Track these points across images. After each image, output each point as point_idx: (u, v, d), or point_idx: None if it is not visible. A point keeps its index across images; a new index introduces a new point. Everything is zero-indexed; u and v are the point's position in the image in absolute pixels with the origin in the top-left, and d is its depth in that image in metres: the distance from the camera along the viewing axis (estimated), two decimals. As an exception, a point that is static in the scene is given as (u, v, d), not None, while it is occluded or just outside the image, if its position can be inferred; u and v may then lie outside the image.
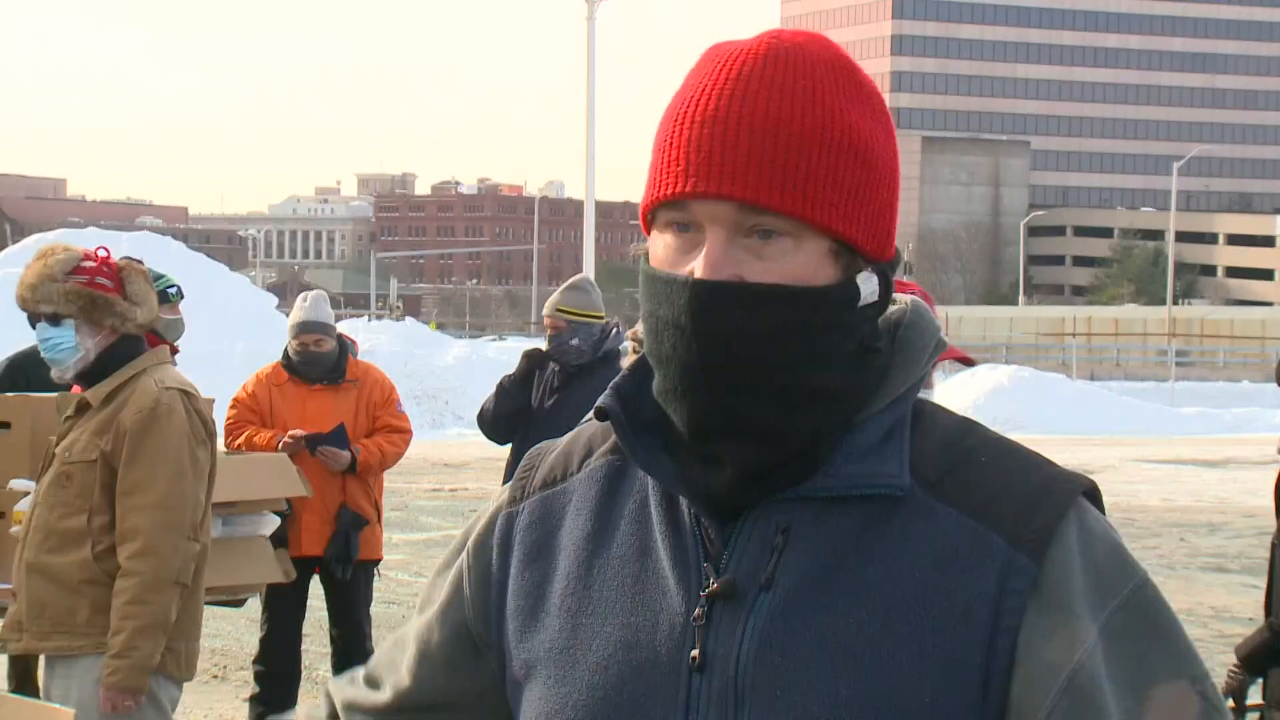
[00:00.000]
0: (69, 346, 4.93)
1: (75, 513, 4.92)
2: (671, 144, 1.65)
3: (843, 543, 1.63)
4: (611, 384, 1.74)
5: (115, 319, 4.94)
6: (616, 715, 1.66)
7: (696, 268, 1.62)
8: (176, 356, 5.72)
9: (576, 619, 1.71)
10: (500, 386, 7.98)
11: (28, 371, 7.75)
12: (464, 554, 1.84)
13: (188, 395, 4.99)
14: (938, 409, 1.73)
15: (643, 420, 1.71)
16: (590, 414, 1.77)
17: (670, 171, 1.64)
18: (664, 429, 1.70)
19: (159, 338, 5.44)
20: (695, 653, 1.63)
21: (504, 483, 7.53)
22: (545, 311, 7.95)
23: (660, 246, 1.67)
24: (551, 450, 1.83)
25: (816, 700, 1.59)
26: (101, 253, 5.00)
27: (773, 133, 1.61)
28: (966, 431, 1.70)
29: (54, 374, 5.03)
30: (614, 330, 7.99)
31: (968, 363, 4.26)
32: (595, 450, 1.79)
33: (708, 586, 1.64)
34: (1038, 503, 1.63)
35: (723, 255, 1.62)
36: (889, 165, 1.68)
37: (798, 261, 1.62)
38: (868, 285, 1.66)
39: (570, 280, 8.18)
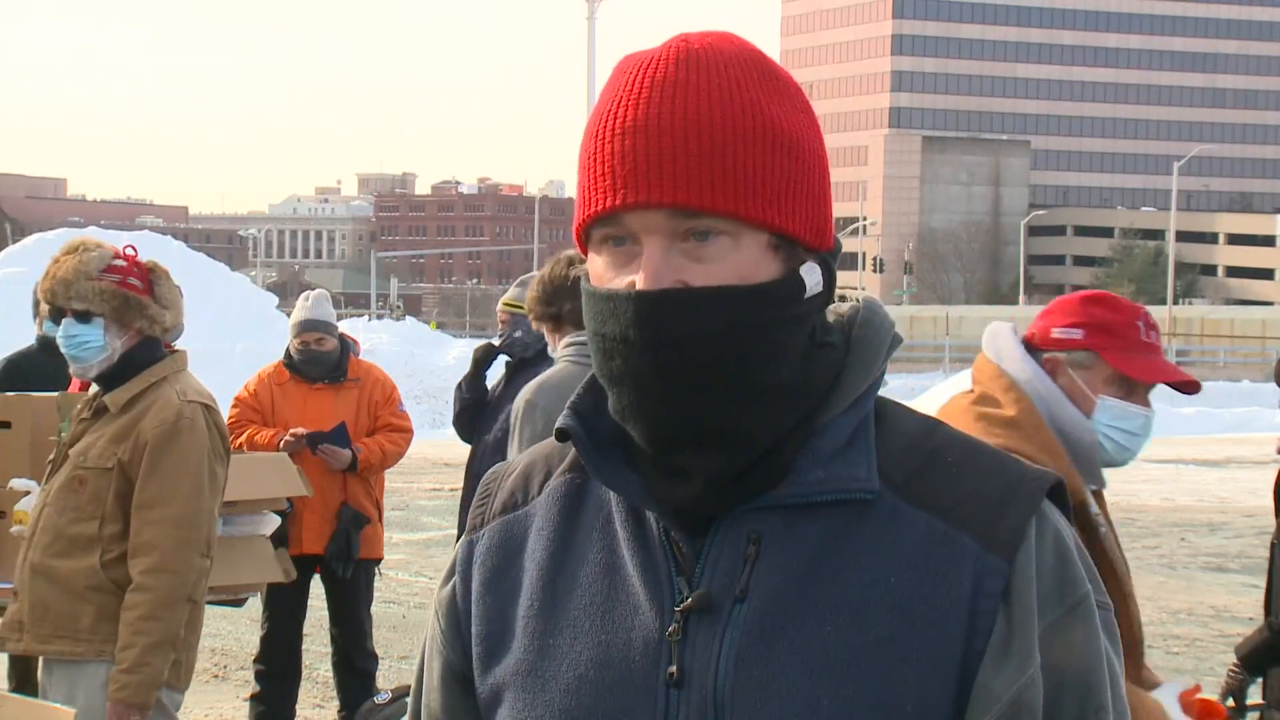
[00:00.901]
0: (96, 345, 4.86)
1: (86, 519, 4.86)
2: (596, 159, 1.62)
3: (815, 550, 1.62)
4: (569, 403, 1.71)
5: (145, 321, 4.88)
6: None
7: (638, 280, 1.60)
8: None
9: (544, 640, 1.68)
10: (456, 386, 8.01)
11: (26, 371, 7.75)
12: (435, 598, 1.82)
13: (208, 409, 4.94)
14: (900, 408, 1.71)
15: (603, 436, 1.69)
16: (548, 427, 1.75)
17: (598, 187, 1.62)
18: (625, 444, 1.67)
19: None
20: (673, 668, 1.60)
21: (465, 480, 7.61)
22: (497, 308, 8.00)
23: (599, 264, 1.64)
24: (508, 473, 1.80)
25: (797, 712, 1.57)
26: (129, 252, 4.92)
27: (695, 134, 1.59)
28: (931, 431, 1.69)
29: (74, 370, 4.95)
30: None
31: (1188, 389, 3.46)
32: (554, 470, 1.76)
33: (681, 601, 1.62)
34: (1007, 502, 1.62)
35: (663, 263, 1.59)
36: (816, 154, 1.66)
37: (738, 260, 1.60)
38: (811, 276, 1.65)
39: (520, 278, 8.20)
